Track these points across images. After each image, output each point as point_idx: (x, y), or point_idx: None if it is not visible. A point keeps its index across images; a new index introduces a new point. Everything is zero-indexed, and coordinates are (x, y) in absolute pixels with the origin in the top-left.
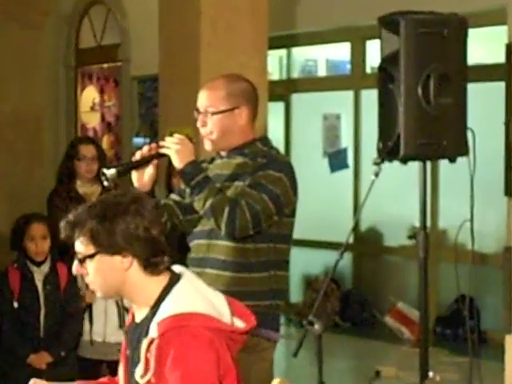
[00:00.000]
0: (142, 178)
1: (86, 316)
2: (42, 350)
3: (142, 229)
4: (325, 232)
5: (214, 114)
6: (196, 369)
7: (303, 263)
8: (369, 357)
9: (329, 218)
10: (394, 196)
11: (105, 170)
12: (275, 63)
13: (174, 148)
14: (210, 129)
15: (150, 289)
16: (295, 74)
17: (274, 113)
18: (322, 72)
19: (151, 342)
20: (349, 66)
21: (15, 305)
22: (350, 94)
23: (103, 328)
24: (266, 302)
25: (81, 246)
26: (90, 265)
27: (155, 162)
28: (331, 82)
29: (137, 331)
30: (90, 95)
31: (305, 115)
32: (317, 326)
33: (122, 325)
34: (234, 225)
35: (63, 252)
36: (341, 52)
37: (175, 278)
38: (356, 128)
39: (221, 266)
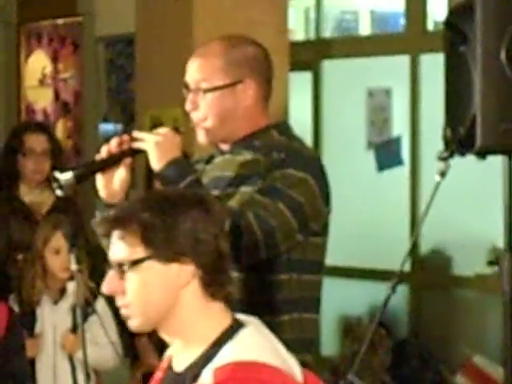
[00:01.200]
0: (110, 185)
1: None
2: None
3: (212, 235)
4: (370, 256)
5: (208, 91)
6: None
7: (340, 301)
8: None
9: (375, 237)
10: (469, 205)
11: (57, 174)
12: (299, 18)
13: (152, 140)
14: (203, 113)
15: (205, 325)
16: (327, 33)
17: (298, 88)
18: (364, 29)
19: None
20: (403, 21)
21: None
22: (404, 59)
23: None
24: None
25: (124, 250)
26: (134, 277)
27: (128, 161)
28: (378, 43)
29: (178, 382)
30: (38, 64)
31: (341, 90)
32: None
33: None
34: (239, 246)
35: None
36: (392, 1)
37: (239, 323)
38: (413, 108)
39: None
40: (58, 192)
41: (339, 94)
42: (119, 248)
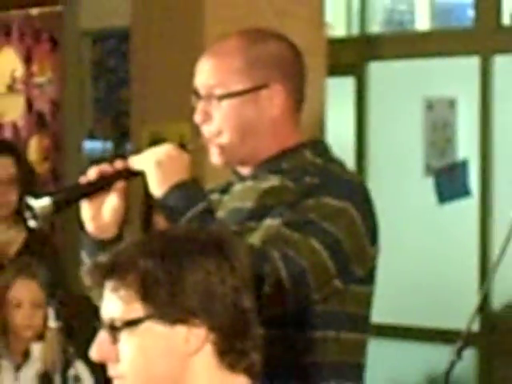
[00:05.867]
0: (99, 215)
1: None
2: None
3: (230, 288)
4: (428, 313)
5: (223, 97)
6: None
7: (391, 367)
8: None
9: (435, 288)
10: None
11: (31, 201)
12: (340, 10)
13: (152, 159)
14: (217, 125)
15: None
16: (375, 28)
17: (339, 95)
18: (423, 24)
19: None
20: (471, 14)
21: None
22: (473, 62)
23: None
24: None
25: (118, 306)
26: (129, 341)
27: (121, 185)
28: (440, 41)
29: None
30: (6, 65)
31: (392, 100)
32: None
33: None
34: (260, 295)
35: None
36: None
37: None
38: (484, 124)
39: None
40: (32, 223)
41: (390, 104)
42: (113, 304)
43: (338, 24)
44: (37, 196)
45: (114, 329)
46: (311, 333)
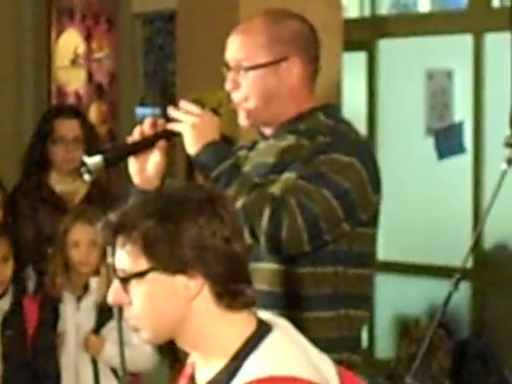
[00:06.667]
0: (144, 170)
1: None
2: None
3: (221, 239)
4: (429, 251)
5: (249, 69)
6: None
7: (396, 299)
8: None
9: (435, 230)
10: None
11: (85, 158)
12: None
13: (188, 122)
14: (244, 92)
15: (225, 333)
16: (384, 10)
17: (353, 68)
18: (424, 6)
19: None
20: None
21: None
22: (467, 39)
23: None
24: (333, 356)
25: (126, 260)
26: (138, 289)
27: (162, 143)
28: (439, 22)
29: None
30: (70, 42)
31: (398, 72)
32: None
33: None
34: (279, 236)
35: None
36: None
37: (264, 328)
38: (477, 91)
39: (263, 300)
40: (86, 177)
41: (396, 75)
42: (122, 257)
43: (352, 6)
44: (90, 154)
45: (125, 279)
46: (324, 268)
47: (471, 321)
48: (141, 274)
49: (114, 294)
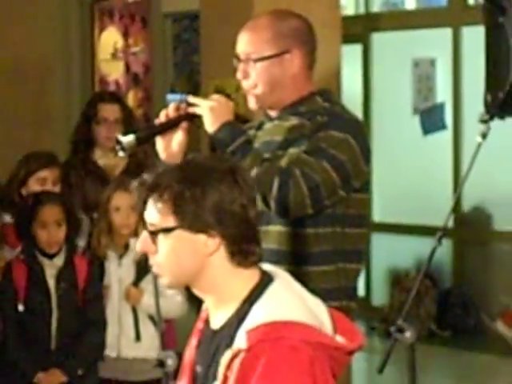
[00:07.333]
0: (169, 147)
1: None
2: (52, 367)
3: (239, 205)
4: (416, 213)
5: (256, 60)
6: None
7: (389, 254)
8: (476, 374)
9: (421, 195)
10: (507, 165)
11: (120, 137)
12: None
13: (206, 106)
14: (253, 81)
15: (234, 284)
16: (376, 8)
17: (350, 58)
18: (410, 4)
19: (235, 356)
20: None
21: (20, 308)
22: (447, 32)
23: (117, 340)
24: (334, 304)
25: (156, 216)
26: (164, 241)
27: (185, 124)
28: (423, 17)
29: (213, 341)
30: (110, 39)
31: (389, 61)
32: (408, 334)
33: (138, 337)
34: (287, 201)
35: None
36: None
37: (267, 278)
38: (456, 76)
39: (273, 257)
40: (120, 153)
41: (387, 64)
42: (153, 213)
43: (348, 5)
44: (125, 134)
45: (153, 232)
46: (324, 229)
47: (453, 272)
48: (168, 230)
49: (142, 243)
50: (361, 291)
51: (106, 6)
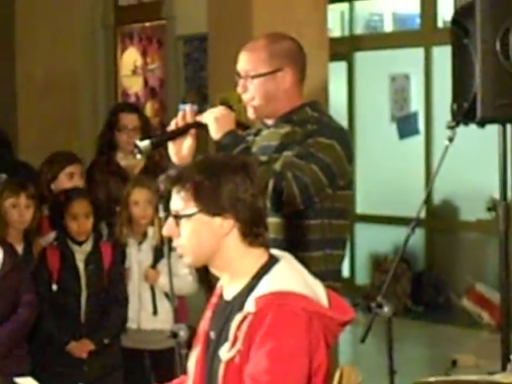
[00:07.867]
0: (179, 151)
1: None
2: (83, 337)
3: (250, 195)
4: (393, 206)
5: (254, 77)
6: (289, 345)
7: (370, 241)
8: (444, 344)
9: (398, 190)
10: (471, 164)
11: (138, 142)
12: (336, 19)
13: (211, 116)
14: (251, 94)
15: (246, 261)
16: (358, 30)
17: (336, 74)
18: (388, 27)
19: (245, 318)
20: (418, 20)
21: (54, 287)
22: (420, 51)
23: (137, 314)
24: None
25: (180, 203)
26: (186, 225)
27: (193, 131)
28: (399, 39)
29: (226, 310)
30: (130, 57)
31: (370, 76)
32: (386, 309)
33: (156, 311)
34: (280, 201)
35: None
36: (409, 4)
37: (274, 259)
38: (427, 89)
39: (271, 244)
40: (138, 156)
41: (368, 79)
42: (177, 201)
43: (335, 28)
44: (141, 139)
45: (177, 217)
46: (313, 220)
47: (425, 257)
48: (190, 215)
49: (168, 228)
50: (346, 273)
51: (126, 30)
